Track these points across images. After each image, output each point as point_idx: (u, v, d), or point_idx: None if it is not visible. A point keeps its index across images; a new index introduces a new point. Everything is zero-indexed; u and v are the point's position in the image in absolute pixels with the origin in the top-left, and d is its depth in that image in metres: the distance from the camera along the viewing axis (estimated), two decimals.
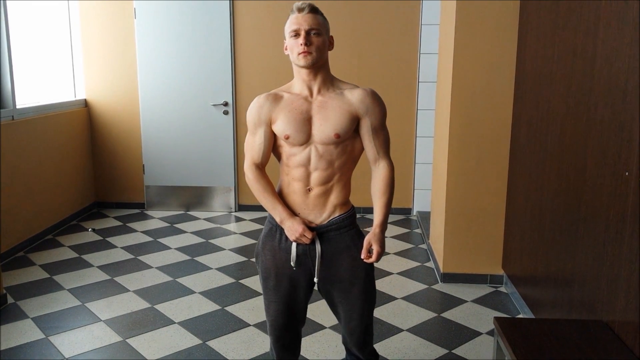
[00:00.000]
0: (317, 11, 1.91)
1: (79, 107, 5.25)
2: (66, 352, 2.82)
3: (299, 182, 1.93)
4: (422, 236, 4.70)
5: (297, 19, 1.87)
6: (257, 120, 1.94)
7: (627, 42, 1.99)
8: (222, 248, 4.41)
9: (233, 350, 2.84)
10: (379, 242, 1.92)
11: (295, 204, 1.96)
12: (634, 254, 1.90)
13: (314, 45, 1.85)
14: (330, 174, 1.92)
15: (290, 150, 1.92)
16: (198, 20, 5.13)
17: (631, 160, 1.94)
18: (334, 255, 1.97)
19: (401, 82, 5.13)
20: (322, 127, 1.89)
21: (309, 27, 1.85)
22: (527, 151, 3.15)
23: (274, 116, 1.92)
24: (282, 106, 1.92)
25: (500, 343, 2.10)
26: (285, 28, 1.91)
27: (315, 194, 1.93)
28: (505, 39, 3.38)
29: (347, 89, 1.94)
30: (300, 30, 1.85)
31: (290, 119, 1.89)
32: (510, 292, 3.50)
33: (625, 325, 1.97)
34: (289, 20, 1.89)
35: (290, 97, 1.93)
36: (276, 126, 1.92)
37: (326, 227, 1.95)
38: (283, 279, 2.00)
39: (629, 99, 1.97)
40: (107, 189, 5.51)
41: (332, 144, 1.90)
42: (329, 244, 1.96)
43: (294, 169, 1.93)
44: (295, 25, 1.86)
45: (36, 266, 4.00)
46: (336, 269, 1.98)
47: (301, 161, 1.91)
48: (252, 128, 1.97)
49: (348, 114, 1.90)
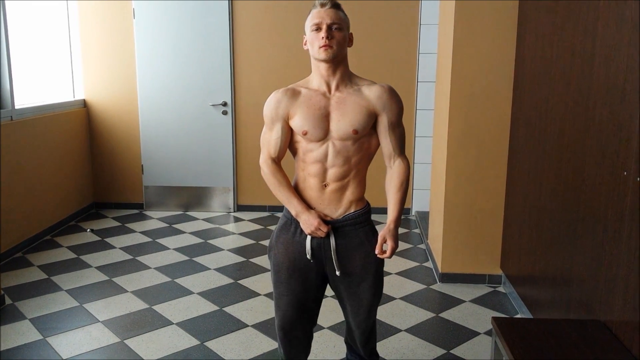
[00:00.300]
0: (339, 7, 1.93)
1: (78, 108, 5.25)
2: (64, 353, 2.81)
3: (315, 178, 1.94)
4: (421, 236, 4.70)
5: (319, 13, 1.88)
6: (275, 115, 1.94)
7: (626, 42, 1.99)
8: (221, 248, 4.40)
9: (231, 351, 2.84)
10: (393, 237, 1.94)
11: (312, 199, 1.97)
12: (632, 253, 1.90)
13: (335, 40, 1.87)
14: (347, 170, 1.94)
15: (307, 146, 1.93)
16: (197, 20, 5.13)
17: (629, 160, 1.93)
18: (348, 250, 1.99)
19: (400, 82, 5.12)
20: (340, 124, 1.90)
21: (331, 22, 1.86)
22: (526, 151, 3.15)
23: (292, 111, 1.92)
24: (300, 101, 1.92)
25: (498, 343, 2.10)
26: (307, 22, 1.92)
27: (331, 190, 1.95)
28: (504, 38, 3.38)
29: (364, 85, 1.97)
30: (322, 24, 1.86)
31: (308, 115, 1.89)
32: (509, 292, 3.49)
33: (623, 325, 1.97)
34: (311, 15, 1.90)
35: (309, 93, 1.93)
36: (294, 122, 1.92)
37: (341, 222, 1.97)
38: (295, 272, 2.01)
39: (627, 98, 1.97)
40: (106, 189, 5.50)
41: (349, 140, 1.91)
42: (344, 238, 1.98)
43: (310, 165, 1.94)
44: (317, 19, 1.87)
45: (34, 267, 3.99)
46: (349, 264, 2.00)
47: (318, 157, 1.92)
48: (269, 123, 1.96)
49: (366, 110, 1.91)
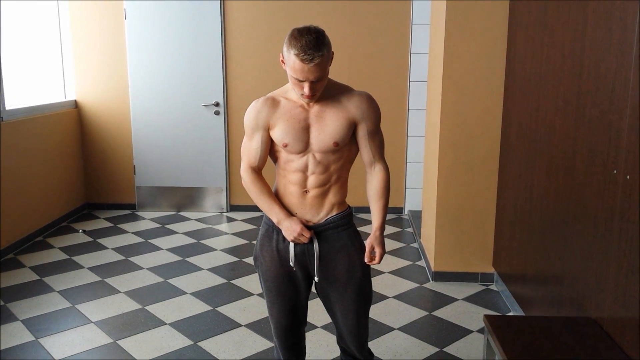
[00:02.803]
0: (322, 48, 1.72)
1: (69, 108, 5.22)
2: (56, 354, 2.80)
3: (296, 185, 1.94)
4: (414, 235, 4.71)
5: (302, 69, 1.72)
6: (255, 125, 1.92)
7: (615, 42, 2.01)
8: (214, 248, 4.40)
9: (224, 351, 2.84)
10: (381, 244, 1.95)
11: (292, 205, 1.96)
12: (622, 251, 1.92)
13: (317, 89, 1.80)
14: (327, 177, 1.93)
15: (288, 156, 1.92)
16: (189, 20, 5.11)
17: (619, 159, 1.95)
18: (332, 254, 1.98)
19: (392, 81, 5.14)
20: (320, 136, 1.88)
21: (315, 78, 1.75)
22: (517, 150, 3.17)
23: (272, 122, 1.90)
24: (280, 113, 1.89)
25: (491, 341, 2.11)
26: (286, 57, 1.76)
27: (312, 196, 1.94)
28: (495, 39, 3.40)
29: (343, 94, 1.91)
30: (306, 82, 1.75)
31: (289, 128, 1.88)
32: (501, 289, 3.52)
33: (613, 322, 1.99)
34: (293, 62, 1.72)
35: (288, 104, 1.90)
36: (274, 133, 1.91)
37: (323, 225, 1.96)
38: (283, 280, 2.01)
39: (617, 98, 1.99)
40: (98, 190, 5.48)
41: (329, 152, 1.90)
42: (327, 242, 1.97)
43: (291, 173, 1.94)
44: (300, 76, 1.74)
45: (26, 268, 3.97)
46: (333, 268, 1.98)
47: (299, 167, 1.92)
48: (250, 132, 1.95)
49: (345, 121, 1.88)
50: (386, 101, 5.00)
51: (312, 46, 1.70)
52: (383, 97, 4.93)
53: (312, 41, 1.70)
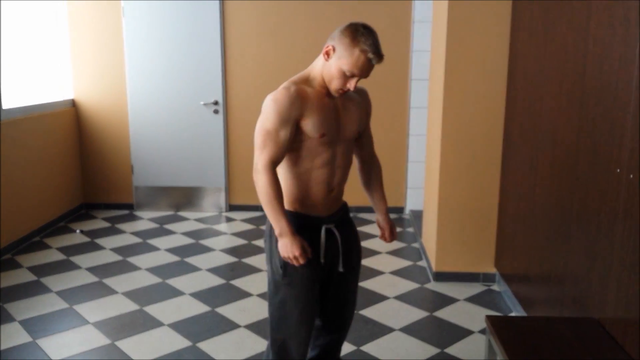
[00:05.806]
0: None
1: (67, 107, 5.19)
2: (54, 355, 2.78)
3: (321, 185, 1.92)
4: (415, 235, 4.69)
5: (364, 66, 1.78)
6: (288, 116, 1.80)
7: (618, 41, 1.99)
8: (213, 249, 4.38)
9: (223, 352, 2.82)
10: (393, 223, 2.19)
11: (317, 204, 1.95)
12: (625, 251, 1.90)
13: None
14: (347, 171, 2.01)
15: (318, 148, 1.87)
16: (187, 18, 5.09)
17: (622, 158, 1.93)
18: (349, 243, 2.06)
19: (393, 79, 5.11)
20: (348, 125, 1.94)
21: (367, 76, 1.84)
22: (520, 149, 3.15)
23: (305, 113, 1.83)
24: (311, 103, 1.84)
25: (492, 342, 2.09)
26: (348, 53, 1.76)
27: (334, 194, 1.98)
28: (497, 37, 3.38)
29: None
30: (359, 77, 1.81)
31: (324, 117, 1.86)
32: (503, 290, 3.49)
33: (616, 322, 1.97)
34: (357, 57, 1.76)
35: (315, 93, 1.86)
36: (307, 124, 1.83)
37: (335, 215, 2.02)
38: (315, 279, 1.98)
39: (620, 96, 1.97)
40: (96, 189, 5.45)
41: (351, 140, 1.99)
42: (343, 232, 2.03)
43: (316, 170, 1.90)
44: (358, 72, 1.78)
45: (23, 268, 3.94)
46: (350, 257, 2.07)
47: (328, 159, 1.90)
48: (280, 122, 1.80)
49: (363, 111, 2.02)
50: (387, 99, 4.98)
51: (379, 46, 1.79)
52: (384, 95, 4.91)
53: (378, 41, 1.79)
